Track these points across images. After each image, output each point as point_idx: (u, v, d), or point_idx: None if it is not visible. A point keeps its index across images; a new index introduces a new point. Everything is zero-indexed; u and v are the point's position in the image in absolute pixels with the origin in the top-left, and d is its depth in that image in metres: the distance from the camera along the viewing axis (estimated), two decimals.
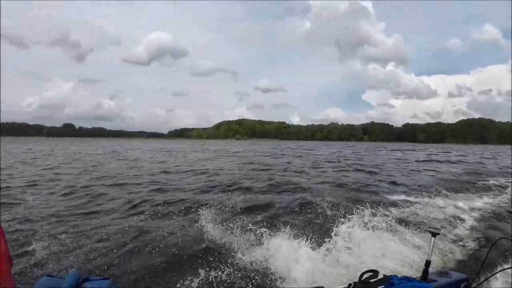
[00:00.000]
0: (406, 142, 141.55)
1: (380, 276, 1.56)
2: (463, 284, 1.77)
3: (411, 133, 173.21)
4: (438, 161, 20.54)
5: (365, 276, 1.58)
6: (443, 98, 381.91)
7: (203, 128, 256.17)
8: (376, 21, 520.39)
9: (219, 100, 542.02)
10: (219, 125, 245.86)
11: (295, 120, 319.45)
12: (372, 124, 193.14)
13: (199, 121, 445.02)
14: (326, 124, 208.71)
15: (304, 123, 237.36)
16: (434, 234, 1.89)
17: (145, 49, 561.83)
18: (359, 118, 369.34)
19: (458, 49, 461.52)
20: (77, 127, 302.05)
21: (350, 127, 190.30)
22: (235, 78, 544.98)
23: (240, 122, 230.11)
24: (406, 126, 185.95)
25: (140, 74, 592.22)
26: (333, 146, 56.73)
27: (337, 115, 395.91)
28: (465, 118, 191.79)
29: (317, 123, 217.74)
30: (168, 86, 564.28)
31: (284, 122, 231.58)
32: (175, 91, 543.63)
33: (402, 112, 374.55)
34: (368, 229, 4.15)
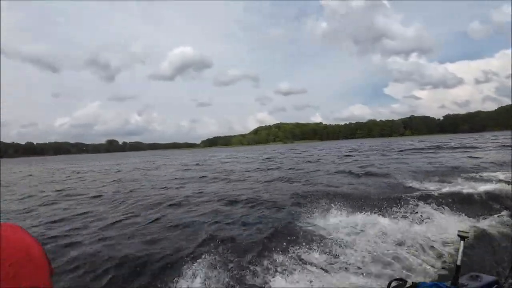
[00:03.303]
0: (449, 134, 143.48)
1: (409, 284, 1.59)
2: (494, 287, 1.71)
3: (453, 124, 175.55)
4: None
5: (393, 284, 1.60)
6: (471, 86, 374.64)
7: (241, 135, 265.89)
8: (393, 13, 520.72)
9: (241, 106, 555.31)
10: (256, 131, 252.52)
11: (317, 119, 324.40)
12: (413, 118, 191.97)
13: (221, 128, 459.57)
14: (352, 122, 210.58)
15: (327, 123, 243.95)
16: (463, 238, 1.83)
17: (169, 65, 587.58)
18: (383, 113, 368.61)
19: (479, 33, 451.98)
20: (119, 142, 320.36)
21: (391, 122, 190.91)
22: (256, 84, 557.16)
23: (279, 126, 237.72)
24: (447, 117, 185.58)
25: (166, 89, 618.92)
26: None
27: (361, 111, 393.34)
28: (495, 104, 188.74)
29: (341, 122, 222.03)
30: (193, 97, 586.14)
31: (321, 123, 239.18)
32: (199, 101, 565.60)
33: (429, 104, 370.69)
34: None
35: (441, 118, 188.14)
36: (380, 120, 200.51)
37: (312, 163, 17.96)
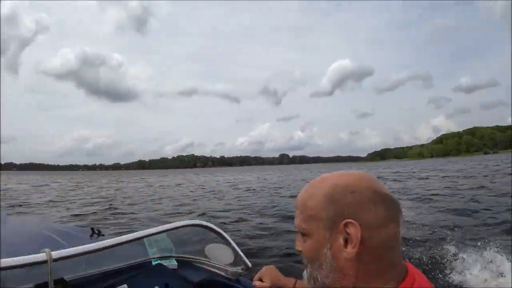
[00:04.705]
0: None
1: None
2: None
3: None
4: None
5: None
6: None
7: (419, 145, 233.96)
8: None
9: (409, 112, 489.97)
10: (440, 139, 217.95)
11: None
12: None
13: (385, 139, 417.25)
14: None
15: None
16: None
17: (328, 81, 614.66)
18: None
19: None
20: (290, 156, 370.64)
21: None
22: (428, 83, 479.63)
23: (473, 132, 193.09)
24: None
25: (325, 104, 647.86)
26: None
27: None
28: None
29: None
30: (352, 109, 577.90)
31: None
32: (359, 112, 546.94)
33: None
34: None
35: None
36: None
37: None
